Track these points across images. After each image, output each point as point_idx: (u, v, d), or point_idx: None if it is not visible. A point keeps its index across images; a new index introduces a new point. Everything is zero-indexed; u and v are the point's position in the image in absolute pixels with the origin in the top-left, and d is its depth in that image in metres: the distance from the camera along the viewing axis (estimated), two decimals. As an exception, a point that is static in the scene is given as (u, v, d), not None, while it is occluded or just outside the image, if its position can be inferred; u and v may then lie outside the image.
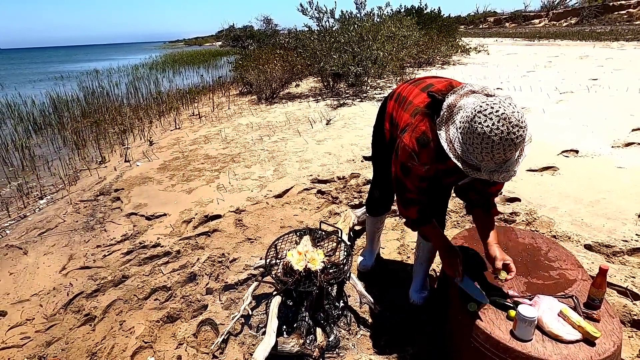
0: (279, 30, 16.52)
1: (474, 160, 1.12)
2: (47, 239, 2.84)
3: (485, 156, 1.09)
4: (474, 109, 1.10)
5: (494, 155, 1.08)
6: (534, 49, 13.66)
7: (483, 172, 1.12)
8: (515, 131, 1.05)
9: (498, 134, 1.05)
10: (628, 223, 2.44)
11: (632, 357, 1.55)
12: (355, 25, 7.35)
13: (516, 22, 32.54)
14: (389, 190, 1.90)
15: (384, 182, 1.88)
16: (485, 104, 1.08)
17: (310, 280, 1.68)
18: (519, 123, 1.06)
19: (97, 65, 20.72)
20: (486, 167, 1.12)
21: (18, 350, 1.83)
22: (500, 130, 1.04)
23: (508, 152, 1.08)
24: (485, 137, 1.06)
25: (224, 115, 6.74)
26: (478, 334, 1.27)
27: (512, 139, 1.05)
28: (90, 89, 10.36)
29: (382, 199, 1.97)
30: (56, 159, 4.95)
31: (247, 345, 1.74)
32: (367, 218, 2.13)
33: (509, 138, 1.05)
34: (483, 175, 1.13)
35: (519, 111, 1.07)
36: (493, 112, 1.06)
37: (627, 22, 23.58)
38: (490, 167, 1.11)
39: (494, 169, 1.11)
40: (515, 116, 1.06)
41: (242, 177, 3.68)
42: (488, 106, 1.07)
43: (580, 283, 1.42)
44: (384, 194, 1.94)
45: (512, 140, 1.05)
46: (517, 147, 1.08)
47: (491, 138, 1.05)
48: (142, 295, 2.13)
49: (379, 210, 2.03)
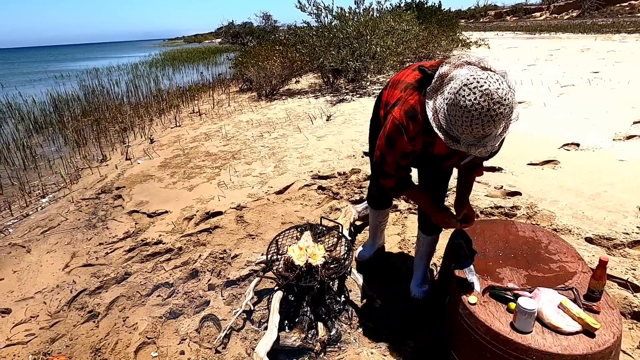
0: (279, 27, 16.46)
1: (455, 132, 1.13)
2: (49, 237, 2.86)
3: (465, 129, 1.10)
4: (461, 81, 1.10)
5: (472, 130, 1.09)
6: (535, 42, 13.57)
7: (462, 145, 1.14)
8: (496, 108, 1.05)
9: (478, 108, 1.05)
10: (629, 216, 2.44)
11: (632, 348, 1.56)
12: (353, 20, 7.32)
13: (517, 16, 32.32)
14: None
15: None
16: (473, 78, 1.08)
17: (312, 275, 1.68)
18: (501, 100, 1.05)
19: (96, 64, 20.70)
20: (465, 140, 1.13)
21: (23, 347, 1.85)
22: (480, 106, 1.05)
23: (487, 128, 1.08)
24: (466, 110, 1.07)
25: (224, 112, 6.74)
26: (478, 326, 1.28)
27: (491, 115, 1.05)
28: (90, 87, 10.36)
29: (380, 194, 1.98)
30: (57, 158, 4.96)
31: (249, 340, 1.75)
32: (369, 210, 2.15)
33: (488, 114, 1.05)
34: (462, 148, 1.14)
35: (504, 88, 1.07)
36: (477, 86, 1.06)
37: (629, 14, 23.39)
38: (469, 141, 1.12)
39: (473, 142, 1.12)
40: (499, 93, 1.05)
41: (243, 174, 3.69)
42: (474, 80, 1.07)
43: (581, 275, 1.42)
44: (381, 190, 1.94)
45: (491, 116, 1.06)
46: (496, 124, 1.08)
47: (471, 112, 1.06)
48: (144, 291, 2.14)
49: (379, 204, 2.05)
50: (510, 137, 4.18)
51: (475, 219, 1.55)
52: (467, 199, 1.58)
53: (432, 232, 1.84)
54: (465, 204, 1.57)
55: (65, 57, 41.97)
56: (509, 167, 3.29)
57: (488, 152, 1.14)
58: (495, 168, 3.31)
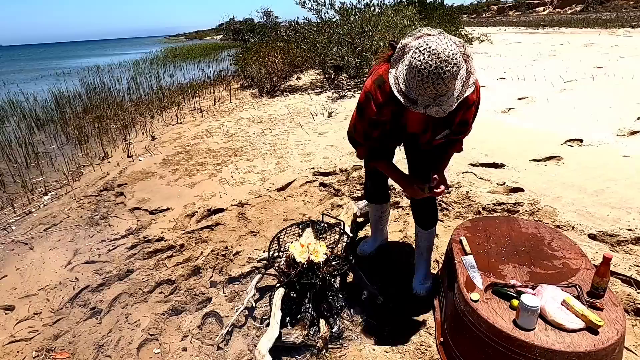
0: (280, 23, 16.39)
1: (413, 94, 1.22)
2: (52, 234, 2.87)
3: (419, 89, 1.18)
4: (415, 46, 1.19)
5: (425, 89, 1.17)
6: (538, 37, 13.47)
7: (419, 106, 1.22)
8: (443, 66, 1.13)
9: (427, 67, 1.14)
10: (633, 212, 2.42)
11: (635, 345, 1.55)
12: (355, 16, 7.27)
13: (520, 11, 32.08)
14: (379, 181, 1.95)
15: (373, 173, 1.93)
16: (424, 42, 1.17)
17: (313, 272, 1.68)
18: (447, 59, 1.13)
19: (98, 61, 20.69)
20: (422, 101, 1.21)
21: (26, 344, 1.86)
22: (429, 65, 1.13)
23: (437, 86, 1.16)
24: (418, 70, 1.16)
25: (226, 109, 6.73)
26: (481, 323, 1.27)
27: (439, 73, 1.13)
28: (91, 84, 10.36)
29: (374, 189, 2.00)
30: (59, 155, 4.98)
31: (251, 336, 1.76)
32: (368, 205, 2.16)
33: (436, 72, 1.13)
34: (420, 109, 1.22)
35: (452, 50, 1.15)
36: (426, 47, 1.15)
37: (633, 9, 23.16)
38: (425, 102, 1.21)
39: (428, 103, 1.20)
40: (446, 52, 1.13)
41: (245, 171, 3.69)
42: (425, 43, 1.16)
43: (584, 272, 1.42)
44: (375, 185, 1.98)
45: (439, 74, 1.13)
46: (445, 82, 1.15)
47: (421, 71, 1.15)
48: (147, 288, 2.15)
49: (375, 198, 2.06)
50: (513, 133, 4.14)
51: (448, 189, 1.60)
52: (442, 172, 1.59)
53: (429, 225, 1.86)
54: (437, 173, 1.57)
55: (67, 55, 41.99)
56: (511, 163, 3.27)
57: (444, 112, 1.20)
58: (498, 164, 3.29)
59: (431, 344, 1.62)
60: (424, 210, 1.83)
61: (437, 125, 1.45)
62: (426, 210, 1.82)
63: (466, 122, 1.48)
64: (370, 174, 1.96)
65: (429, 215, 1.84)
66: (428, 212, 1.83)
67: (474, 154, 3.52)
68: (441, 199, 2.76)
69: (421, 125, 1.48)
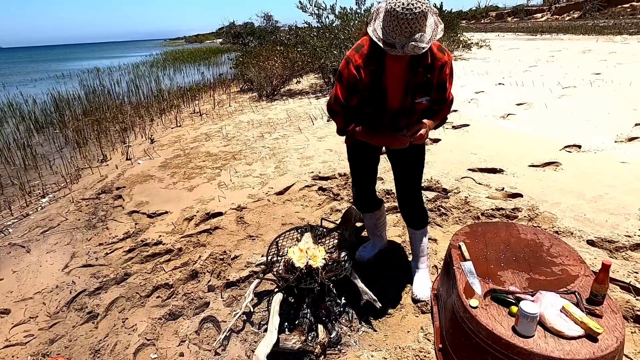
0: (280, 27, 16.47)
1: (390, 38, 1.34)
2: (49, 237, 2.85)
3: (396, 30, 1.31)
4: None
5: (401, 28, 1.30)
6: (536, 43, 13.56)
7: (397, 48, 1.33)
8: (414, 3, 1.27)
9: (400, 5, 1.28)
10: (631, 218, 2.43)
11: (634, 352, 1.54)
12: (355, 21, 7.31)
13: (518, 17, 32.29)
14: (366, 187, 1.97)
15: (358, 178, 1.96)
16: None
17: (312, 277, 1.68)
18: (417, 0, 1.28)
19: (97, 64, 20.72)
20: (399, 42, 1.33)
21: (22, 348, 1.84)
22: (402, 4, 1.28)
23: (411, 23, 1.29)
24: (393, 10, 1.29)
25: (225, 112, 6.73)
26: (480, 330, 1.27)
27: (412, 9, 1.27)
28: (91, 87, 10.37)
29: (361, 196, 1.99)
30: (58, 158, 4.96)
31: (249, 342, 1.75)
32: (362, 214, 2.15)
33: (409, 9, 1.27)
34: (398, 51, 1.33)
35: None
36: None
37: (630, 16, 23.35)
38: (402, 41, 1.32)
39: (404, 42, 1.32)
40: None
41: (243, 175, 3.68)
42: None
43: (583, 279, 1.41)
44: (361, 191, 1.98)
45: (412, 10, 1.27)
46: (418, 18, 1.29)
47: (396, 10, 1.29)
48: (144, 292, 2.13)
49: (364, 207, 2.04)
50: (512, 138, 4.15)
51: (427, 135, 1.58)
52: (427, 123, 1.60)
53: (420, 225, 1.94)
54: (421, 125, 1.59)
55: (66, 57, 42.07)
56: (510, 169, 3.28)
57: (420, 49, 1.32)
58: (497, 169, 3.30)
59: (430, 351, 1.61)
60: (412, 210, 1.91)
61: (416, 89, 1.53)
62: (415, 210, 1.91)
63: (443, 85, 1.56)
64: (356, 179, 1.96)
65: (419, 214, 1.93)
66: (417, 211, 1.91)
67: (473, 159, 3.53)
68: (440, 203, 2.76)
69: (400, 87, 1.53)
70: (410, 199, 1.89)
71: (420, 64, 1.48)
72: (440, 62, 1.50)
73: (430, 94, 1.55)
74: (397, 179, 1.89)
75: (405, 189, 1.88)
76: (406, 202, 1.91)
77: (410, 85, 1.52)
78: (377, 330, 1.76)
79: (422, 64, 1.48)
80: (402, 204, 1.93)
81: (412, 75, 1.50)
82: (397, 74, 1.51)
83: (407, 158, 1.79)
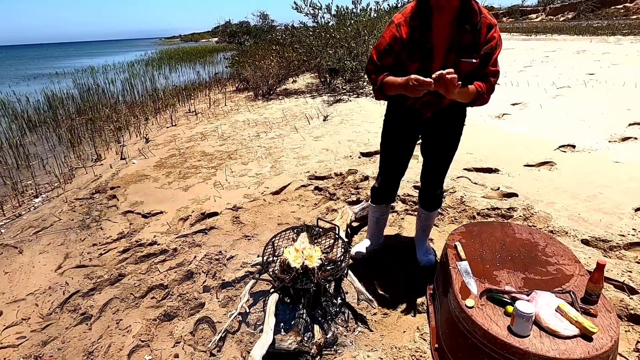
0: (276, 26, 16.44)
1: None
2: (42, 237, 2.82)
3: None
4: None
5: None
6: (531, 44, 13.63)
7: None
8: None
9: None
10: (625, 218, 2.45)
11: (629, 351, 1.55)
12: (351, 20, 7.31)
13: (513, 17, 32.49)
14: (393, 177, 1.99)
15: (386, 173, 1.98)
16: None
17: (308, 277, 1.67)
18: None
19: (92, 62, 20.56)
20: None
21: (14, 350, 1.82)
22: None
23: None
24: None
25: (221, 112, 6.70)
26: (475, 329, 1.27)
27: None
28: (85, 86, 10.27)
29: (385, 185, 2.02)
30: (51, 157, 4.91)
31: (244, 343, 1.73)
32: (369, 206, 2.19)
33: None
34: None
35: None
36: None
37: (623, 17, 23.57)
38: None
39: None
40: None
41: (239, 174, 3.67)
42: None
43: (578, 278, 1.42)
44: (387, 181, 2.00)
45: None
46: None
47: None
48: (138, 293, 2.12)
49: (381, 198, 2.08)
50: (507, 138, 4.16)
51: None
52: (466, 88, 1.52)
53: (434, 208, 2.04)
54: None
55: (60, 55, 41.66)
56: (505, 169, 3.29)
57: None
58: (492, 169, 3.31)
59: (426, 350, 1.61)
60: (434, 194, 1.98)
61: (461, 48, 1.49)
62: (436, 194, 1.99)
63: (490, 51, 1.50)
64: (385, 167, 1.97)
65: (438, 198, 2.01)
66: (437, 195, 2.00)
67: (469, 158, 3.54)
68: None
69: (445, 45, 1.50)
70: (435, 187, 1.96)
71: (468, 20, 1.45)
72: (488, 21, 1.48)
73: (478, 52, 1.49)
74: (427, 165, 1.93)
75: (433, 176, 1.93)
76: (430, 188, 1.97)
77: (455, 44, 1.49)
78: (373, 330, 1.76)
79: (469, 21, 1.45)
80: (425, 188, 2.00)
81: (458, 33, 1.47)
82: (444, 31, 1.48)
83: (441, 144, 1.81)
